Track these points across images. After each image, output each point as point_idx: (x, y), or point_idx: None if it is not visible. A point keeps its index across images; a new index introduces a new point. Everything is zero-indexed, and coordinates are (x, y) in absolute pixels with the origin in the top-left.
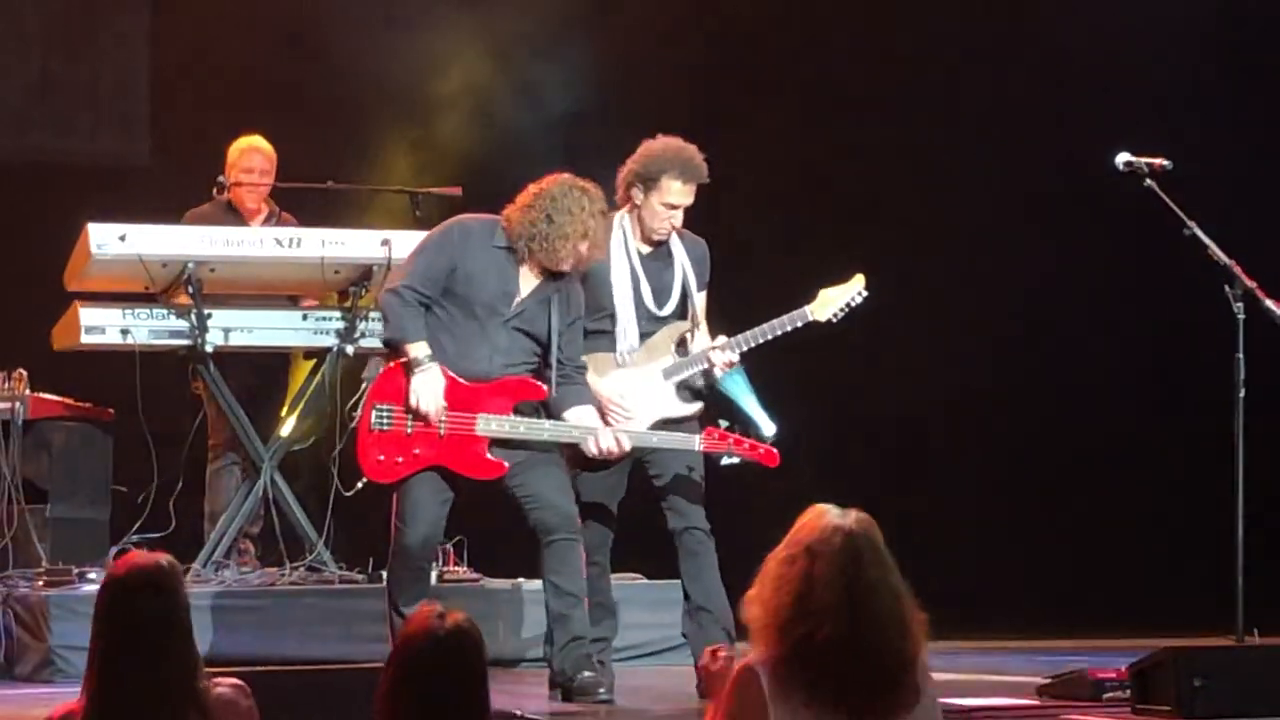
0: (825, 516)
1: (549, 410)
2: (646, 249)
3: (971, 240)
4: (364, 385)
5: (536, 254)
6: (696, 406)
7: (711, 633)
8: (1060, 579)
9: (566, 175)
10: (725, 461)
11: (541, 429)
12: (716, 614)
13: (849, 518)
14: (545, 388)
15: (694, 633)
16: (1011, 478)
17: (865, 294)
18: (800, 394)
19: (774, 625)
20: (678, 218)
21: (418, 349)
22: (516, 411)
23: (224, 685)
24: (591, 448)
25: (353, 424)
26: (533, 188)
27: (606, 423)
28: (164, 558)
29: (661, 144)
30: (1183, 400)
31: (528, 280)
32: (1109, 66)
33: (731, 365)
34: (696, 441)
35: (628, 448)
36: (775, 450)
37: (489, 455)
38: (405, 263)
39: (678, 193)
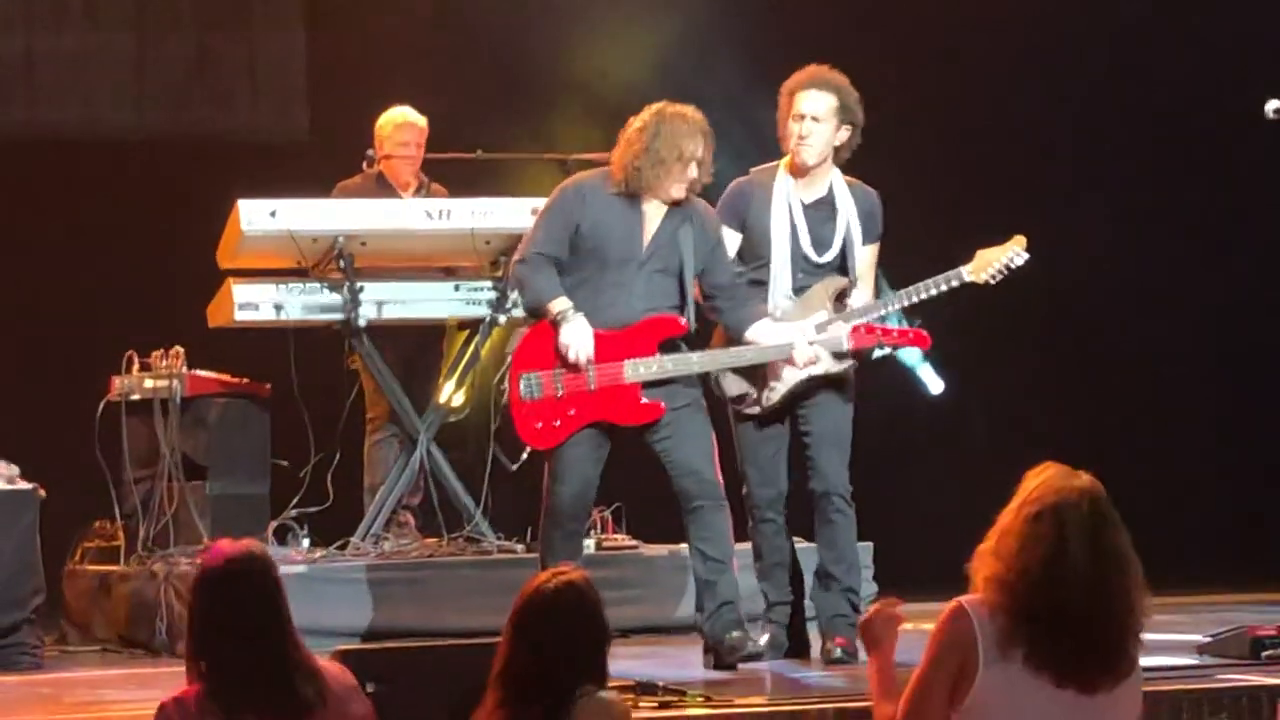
0: (1067, 478)
1: (730, 340)
2: (809, 198)
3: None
4: (508, 358)
5: (645, 187)
6: (848, 363)
7: (837, 600)
8: (1224, 533)
9: (662, 103)
10: (877, 354)
11: (690, 362)
12: (844, 582)
13: (1085, 479)
14: (684, 322)
15: (820, 598)
16: (1170, 431)
17: (1025, 255)
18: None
19: (1012, 581)
20: (810, 130)
21: (559, 304)
22: (661, 350)
23: (328, 664)
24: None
25: (503, 399)
26: (631, 122)
27: (763, 375)
28: (254, 545)
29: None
30: None
31: (652, 219)
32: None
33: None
34: (844, 340)
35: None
36: (925, 332)
37: (643, 399)
38: (528, 234)
39: (800, 100)
